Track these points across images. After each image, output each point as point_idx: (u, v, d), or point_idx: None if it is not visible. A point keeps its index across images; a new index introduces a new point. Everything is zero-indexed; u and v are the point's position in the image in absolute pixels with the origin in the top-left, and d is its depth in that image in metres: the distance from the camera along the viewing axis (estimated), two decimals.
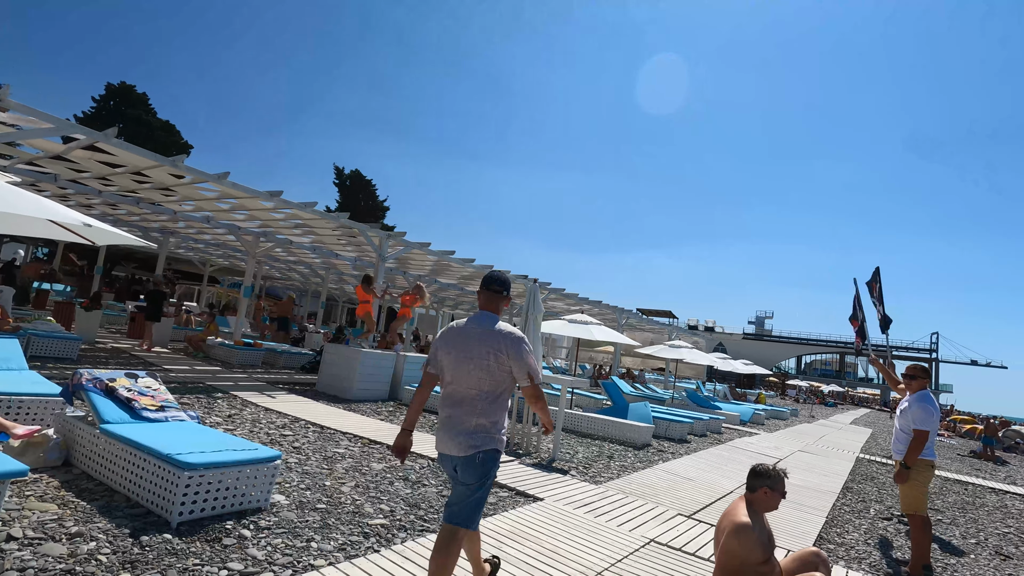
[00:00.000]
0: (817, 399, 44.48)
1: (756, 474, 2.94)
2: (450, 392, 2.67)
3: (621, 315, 21.50)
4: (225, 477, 3.37)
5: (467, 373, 2.60)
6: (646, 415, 9.60)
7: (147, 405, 4.17)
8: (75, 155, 8.88)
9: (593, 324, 11.19)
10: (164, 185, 10.38)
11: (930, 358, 64.31)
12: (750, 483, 2.94)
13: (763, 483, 2.89)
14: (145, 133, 33.16)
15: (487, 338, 2.62)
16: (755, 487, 2.91)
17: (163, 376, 8.30)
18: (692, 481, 6.54)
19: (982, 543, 5.86)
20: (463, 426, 2.57)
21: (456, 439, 2.56)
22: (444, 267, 16.73)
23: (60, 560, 2.56)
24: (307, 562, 2.95)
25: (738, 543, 2.69)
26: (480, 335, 2.64)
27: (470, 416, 2.58)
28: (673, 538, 4.27)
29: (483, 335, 2.64)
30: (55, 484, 3.48)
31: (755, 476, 2.93)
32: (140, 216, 15.22)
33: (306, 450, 5.30)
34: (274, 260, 21.64)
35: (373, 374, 9.56)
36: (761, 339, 72.79)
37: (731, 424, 14.52)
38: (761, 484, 2.89)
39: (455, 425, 2.59)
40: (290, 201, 9.94)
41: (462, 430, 2.57)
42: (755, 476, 2.93)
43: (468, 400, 2.61)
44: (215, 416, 6.18)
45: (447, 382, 2.69)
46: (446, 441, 2.60)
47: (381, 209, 45.11)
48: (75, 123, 6.92)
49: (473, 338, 2.65)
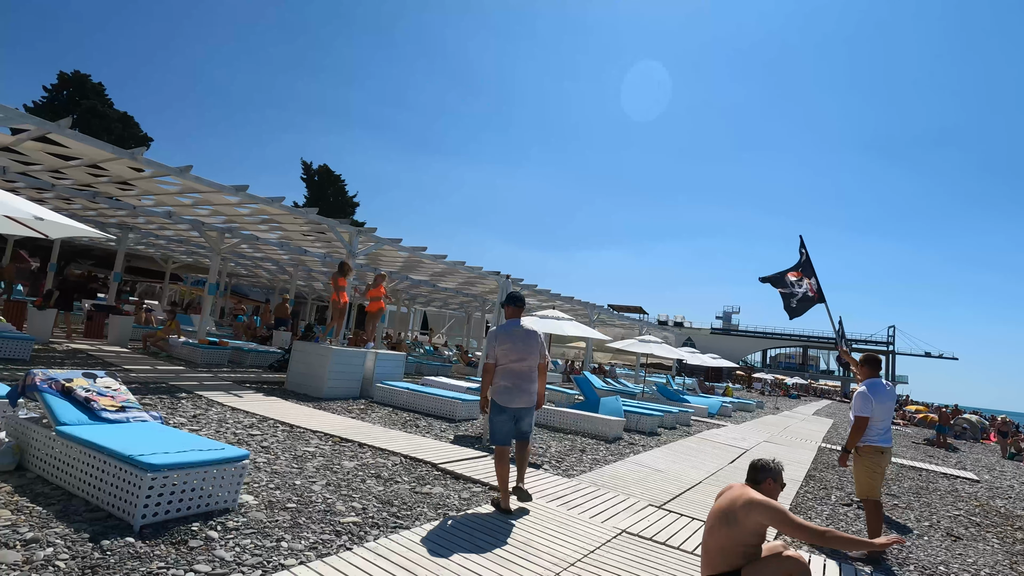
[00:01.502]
0: (781, 391, 45.78)
1: (760, 468, 3.10)
2: (511, 369, 4.31)
3: (592, 311, 21.70)
4: (190, 478, 3.28)
5: (520, 358, 4.32)
6: (617, 409, 9.72)
7: (107, 406, 4.03)
8: (24, 147, 8.47)
9: (565, 320, 11.27)
10: (122, 179, 10.00)
11: (887, 350, 66.89)
12: (754, 476, 3.10)
13: (767, 475, 3.07)
14: (101, 125, 31.89)
15: (528, 336, 4.41)
16: (760, 479, 3.07)
17: (124, 376, 8.02)
18: (662, 473, 6.66)
19: (935, 525, 6.14)
20: (527, 390, 4.33)
21: (523, 397, 4.30)
22: (415, 263, 16.59)
23: (15, 567, 2.46)
24: (277, 562, 2.90)
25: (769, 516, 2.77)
26: (523, 334, 4.40)
27: (529, 383, 4.35)
28: (644, 528, 4.34)
29: (524, 334, 4.41)
30: (7, 489, 3.33)
31: (759, 470, 3.10)
32: (97, 211, 14.63)
33: (275, 449, 5.20)
34: (240, 257, 21.09)
35: (344, 372, 9.43)
36: (728, 334, 74.52)
37: (700, 417, 14.83)
38: (766, 476, 3.07)
39: (523, 390, 4.31)
40: (257, 196, 9.70)
41: (526, 391, 4.32)
42: (759, 470, 3.10)
43: (525, 374, 4.34)
44: (179, 416, 6.01)
45: (507, 363, 4.31)
46: (516, 399, 4.28)
47: (351, 205, 44.43)
48: (25, 113, 6.60)
49: (519, 337, 4.38)
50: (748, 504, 2.82)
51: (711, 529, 2.95)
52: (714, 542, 2.91)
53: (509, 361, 4.30)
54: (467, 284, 21.06)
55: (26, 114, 6.60)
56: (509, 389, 4.27)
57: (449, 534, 3.62)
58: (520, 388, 4.29)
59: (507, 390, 4.27)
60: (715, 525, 2.92)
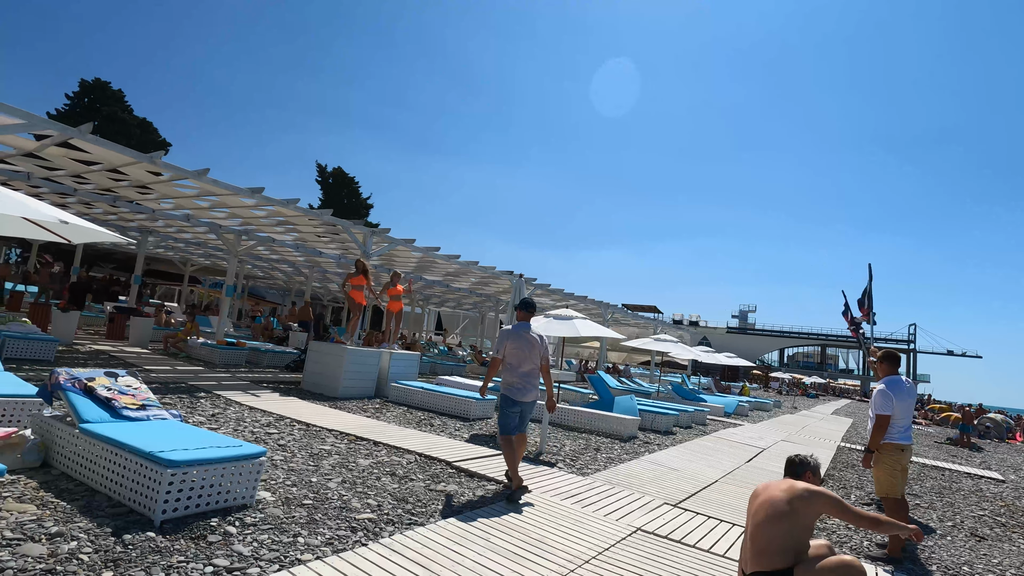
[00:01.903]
0: (799, 390, 45.18)
1: (799, 463, 3.14)
2: (520, 369, 4.77)
3: (606, 310, 21.62)
4: (209, 474, 3.33)
5: (528, 358, 4.78)
6: (632, 408, 9.68)
7: (128, 404, 4.11)
8: (48, 152, 8.68)
9: (578, 319, 11.23)
10: (141, 183, 10.19)
11: (908, 348, 65.68)
12: (794, 471, 3.12)
13: (807, 469, 3.10)
14: (121, 131, 32.50)
15: (535, 340, 4.85)
16: (800, 473, 3.09)
17: (144, 376, 8.16)
18: (678, 471, 6.61)
19: (958, 525, 6.01)
20: (533, 386, 4.82)
21: (531, 393, 4.79)
22: (429, 263, 16.67)
23: (40, 560, 2.52)
24: (294, 557, 2.94)
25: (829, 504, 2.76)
26: (531, 337, 4.85)
27: (535, 380, 4.84)
28: (659, 526, 4.32)
29: (532, 338, 4.86)
30: (33, 485, 3.41)
31: (799, 464, 3.13)
32: (117, 215, 14.92)
33: (292, 447, 5.26)
34: (256, 259, 21.37)
35: (359, 372, 9.50)
36: (745, 333, 73.69)
37: (716, 416, 14.70)
38: (805, 470, 3.10)
39: (530, 387, 4.80)
40: (272, 198, 9.82)
41: (532, 387, 4.81)
42: (799, 464, 3.13)
43: (532, 373, 4.81)
44: (198, 415, 6.10)
45: (515, 362, 4.78)
46: (524, 394, 4.76)
47: (365, 207, 44.75)
48: (48, 119, 6.75)
49: (527, 340, 4.82)
50: (808, 494, 2.79)
51: (762, 524, 2.81)
52: (765, 537, 2.76)
53: (516, 360, 4.78)
54: (480, 284, 21.11)
55: (48, 120, 6.75)
56: (521, 387, 4.76)
57: (463, 531, 3.63)
58: (530, 386, 4.81)
59: (520, 388, 4.76)
60: (768, 519, 2.78)
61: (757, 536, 2.83)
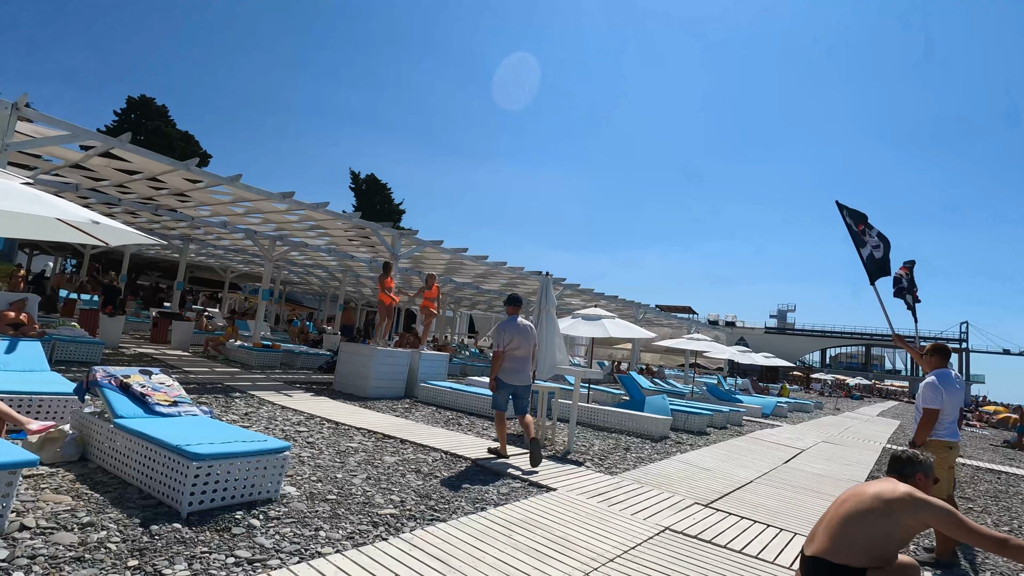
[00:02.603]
0: (843, 392, 43.61)
1: (907, 460, 2.72)
2: (515, 356, 5.63)
3: (638, 310, 21.30)
4: (234, 468, 3.39)
5: (523, 346, 5.64)
6: (664, 408, 9.47)
7: (160, 400, 4.22)
8: (93, 163, 9.08)
9: (607, 319, 11.09)
10: (180, 190, 10.56)
11: (959, 348, 62.59)
12: (900, 469, 2.73)
13: (918, 469, 2.70)
14: (165, 144, 33.85)
15: (528, 330, 5.75)
16: (908, 473, 2.69)
17: (183, 378, 8.45)
18: (710, 471, 6.42)
19: (1016, 531, 5.65)
20: (527, 371, 5.69)
21: (522, 376, 5.63)
22: (458, 265, 16.75)
23: (70, 548, 2.59)
24: (314, 550, 2.95)
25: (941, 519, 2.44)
26: (524, 328, 5.72)
27: (527, 364, 5.71)
28: (689, 526, 4.18)
29: (525, 328, 5.73)
30: (70, 478, 3.53)
31: (906, 462, 2.72)
32: (160, 223, 15.51)
33: (320, 445, 5.33)
34: (292, 264, 21.91)
35: (388, 372, 9.59)
36: (784, 333, 71.64)
37: (753, 417, 14.28)
38: (915, 470, 2.70)
39: (524, 371, 5.66)
40: (302, 202, 10.03)
41: (525, 372, 5.67)
42: (906, 462, 2.72)
43: (525, 359, 5.69)
44: (232, 414, 6.25)
45: (513, 350, 5.61)
46: (519, 378, 5.61)
47: (397, 212, 45.44)
48: (89, 130, 7.05)
49: (521, 331, 5.68)
50: (916, 502, 2.46)
51: (845, 513, 2.57)
52: (844, 528, 2.53)
53: (513, 350, 5.62)
54: (510, 286, 21.09)
55: (91, 130, 7.05)
56: (514, 371, 5.61)
57: (485, 527, 3.59)
58: (521, 371, 5.64)
59: (512, 371, 5.60)
60: (855, 511, 2.55)
61: (834, 523, 2.59)
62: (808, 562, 2.64)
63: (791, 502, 5.41)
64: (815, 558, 2.58)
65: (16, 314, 8.19)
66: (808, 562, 2.64)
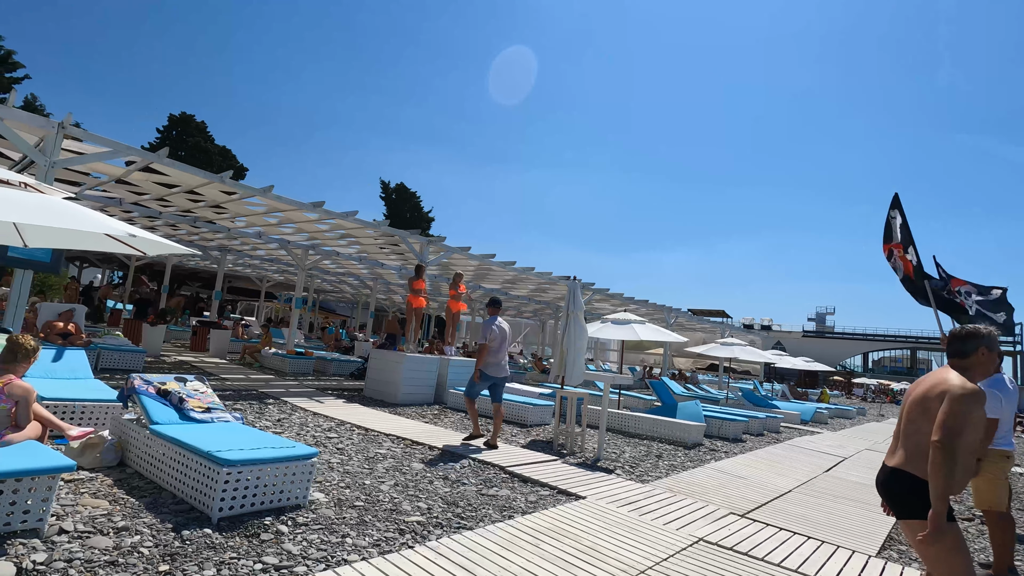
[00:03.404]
0: (887, 397, 41.92)
1: (966, 336, 2.34)
2: (497, 351, 6.28)
3: (669, 314, 20.95)
4: (264, 474, 3.42)
5: (504, 344, 6.32)
6: (697, 414, 9.25)
7: (194, 407, 4.32)
8: (135, 178, 9.44)
9: (637, 323, 10.91)
10: (216, 202, 10.89)
11: (1014, 351, 59.46)
12: (959, 348, 2.35)
13: (979, 343, 2.32)
14: (205, 159, 35.06)
15: (508, 329, 6.39)
16: (969, 350, 2.33)
17: (219, 384, 8.67)
18: (745, 480, 6.21)
19: None
20: (504, 366, 6.37)
21: (501, 370, 6.31)
22: (486, 271, 16.79)
23: (105, 552, 2.65)
24: (341, 557, 2.94)
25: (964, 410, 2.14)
26: (506, 327, 6.38)
27: (505, 359, 6.37)
28: (724, 537, 4.04)
29: (504, 327, 6.36)
30: (108, 482, 3.63)
31: (965, 338, 2.34)
32: (199, 235, 16.04)
33: (349, 451, 5.37)
34: (324, 273, 22.34)
35: (418, 378, 9.64)
36: (823, 336, 69.35)
37: (791, 423, 13.82)
38: (977, 345, 2.31)
39: (503, 366, 6.35)
40: (332, 211, 10.21)
41: (504, 367, 6.36)
42: (965, 338, 2.34)
43: (505, 354, 6.36)
44: (265, 420, 6.37)
45: (495, 346, 6.26)
46: (500, 371, 6.30)
47: (426, 220, 45.94)
48: (130, 145, 7.33)
49: (503, 329, 6.35)
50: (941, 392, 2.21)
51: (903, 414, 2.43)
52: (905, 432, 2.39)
53: (497, 345, 6.27)
54: (538, 291, 21.04)
55: (131, 146, 7.33)
56: (496, 365, 6.30)
57: (512, 536, 3.53)
58: (501, 365, 6.33)
59: (494, 366, 6.29)
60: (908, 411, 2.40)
61: (900, 427, 2.42)
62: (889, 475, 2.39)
63: (833, 513, 5.19)
64: (895, 470, 2.35)
65: (64, 324, 8.55)
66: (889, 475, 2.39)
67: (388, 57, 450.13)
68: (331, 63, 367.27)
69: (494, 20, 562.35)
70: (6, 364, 3.57)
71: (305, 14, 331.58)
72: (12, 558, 2.48)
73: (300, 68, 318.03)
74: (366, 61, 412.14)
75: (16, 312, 6.68)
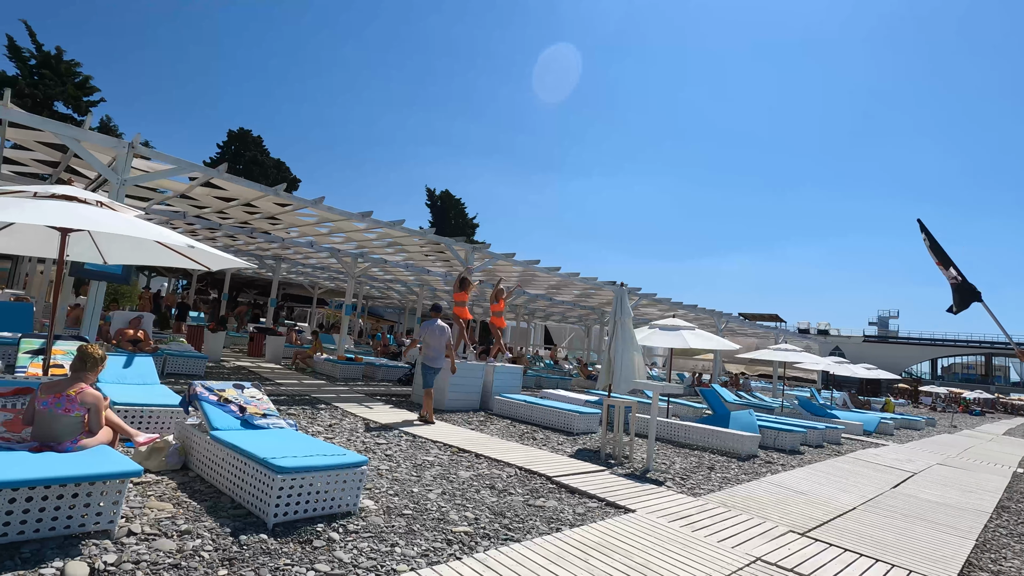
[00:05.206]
0: (959, 407, 39.22)
1: None
2: (432, 347, 7.87)
3: (720, 319, 20.34)
4: (316, 481, 3.50)
5: (438, 341, 7.88)
6: (751, 424, 8.90)
7: (252, 413, 4.47)
8: (196, 192, 9.94)
9: (685, 329, 10.62)
10: (271, 214, 11.34)
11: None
12: None
13: None
14: (261, 173, 36.62)
15: (442, 330, 7.92)
16: None
17: (274, 389, 8.98)
18: (805, 495, 5.92)
19: None
20: (441, 359, 7.95)
21: (440, 362, 7.93)
22: (531, 277, 16.78)
23: (169, 555, 2.77)
24: (390, 567, 2.97)
25: None
26: (439, 329, 7.90)
27: (442, 354, 7.96)
28: (783, 557, 3.84)
29: (440, 329, 7.91)
30: (173, 486, 3.80)
31: None
32: (255, 245, 16.74)
33: (397, 458, 5.44)
34: (373, 280, 22.92)
35: (463, 385, 9.69)
36: (886, 341, 65.71)
37: (853, 434, 13.13)
38: None
39: (440, 358, 7.92)
40: (380, 220, 10.44)
41: (441, 359, 7.95)
42: None
43: (440, 350, 7.92)
44: (317, 425, 6.54)
45: (430, 343, 7.87)
46: (436, 362, 7.87)
47: (471, 226, 46.40)
48: (192, 162, 7.72)
49: (436, 331, 7.88)
50: None
51: None
52: None
53: (430, 342, 7.82)
54: (583, 296, 20.85)
55: (193, 163, 7.73)
56: (434, 358, 7.83)
57: (560, 549, 3.47)
58: (438, 358, 7.86)
59: (433, 358, 7.83)
60: None
61: None
62: None
63: (903, 533, 4.86)
64: None
65: (134, 331, 9.07)
66: None
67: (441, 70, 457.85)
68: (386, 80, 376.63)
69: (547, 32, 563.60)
70: (76, 372, 3.78)
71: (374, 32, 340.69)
72: (85, 558, 2.61)
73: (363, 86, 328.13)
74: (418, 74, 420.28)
75: (92, 321, 7.13)
